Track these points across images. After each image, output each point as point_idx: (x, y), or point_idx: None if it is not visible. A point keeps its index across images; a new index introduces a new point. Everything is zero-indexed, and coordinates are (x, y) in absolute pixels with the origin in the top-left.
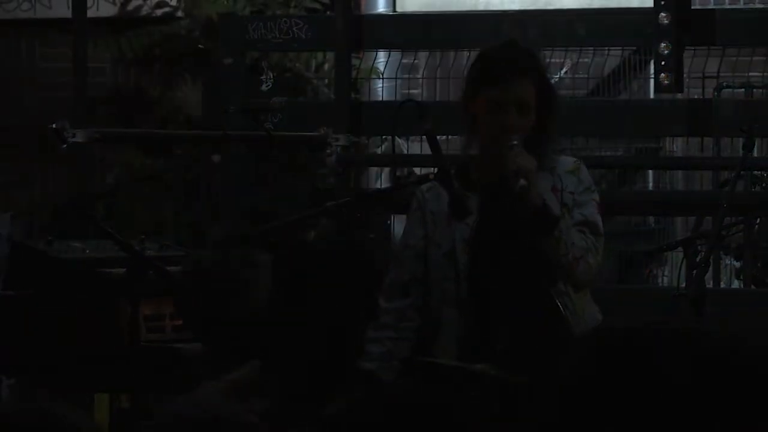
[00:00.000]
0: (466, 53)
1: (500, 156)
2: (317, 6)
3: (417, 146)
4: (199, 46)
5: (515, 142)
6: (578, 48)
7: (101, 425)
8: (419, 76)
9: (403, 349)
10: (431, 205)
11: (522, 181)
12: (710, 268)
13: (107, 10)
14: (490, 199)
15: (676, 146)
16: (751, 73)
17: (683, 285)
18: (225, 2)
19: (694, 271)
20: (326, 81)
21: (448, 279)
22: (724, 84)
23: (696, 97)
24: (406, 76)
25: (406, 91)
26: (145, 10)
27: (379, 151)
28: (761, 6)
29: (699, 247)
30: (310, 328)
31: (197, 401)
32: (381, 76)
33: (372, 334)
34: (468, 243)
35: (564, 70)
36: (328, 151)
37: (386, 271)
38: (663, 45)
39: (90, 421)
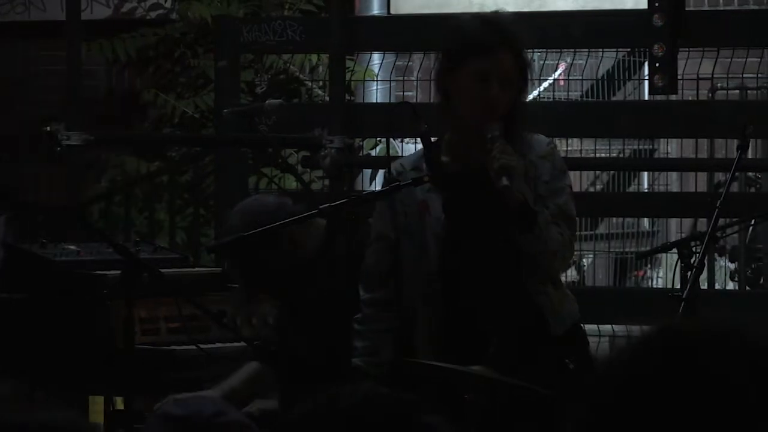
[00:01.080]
0: None
1: (480, 143)
2: (312, 8)
3: (411, 148)
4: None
5: (496, 133)
6: (572, 50)
7: (97, 428)
8: (413, 78)
9: (388, 341)
10: (402, 196)
11: (504, 181)
12: (705, 270)
13: (101, 12)
14: (462, 190)
15: (671, 148)
16: (745, 75)
17: (678, 286)
18: (219, 4)
19: (689, 273)
20: (321, 83)
21: (420, 272)
22: (719, 86)
23: (690, 98)
24: (401, 78)
25: (401, 93)
26: (139, 13)
27: (373, 153)
28: (755, 7)
29: (693, 249)
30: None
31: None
32: (375, 78)
33: (356, 327)
34: (438, 236)
35: (558, 72)
36: (323, 153)
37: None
38: (657, 47)
39: (89, 423)
